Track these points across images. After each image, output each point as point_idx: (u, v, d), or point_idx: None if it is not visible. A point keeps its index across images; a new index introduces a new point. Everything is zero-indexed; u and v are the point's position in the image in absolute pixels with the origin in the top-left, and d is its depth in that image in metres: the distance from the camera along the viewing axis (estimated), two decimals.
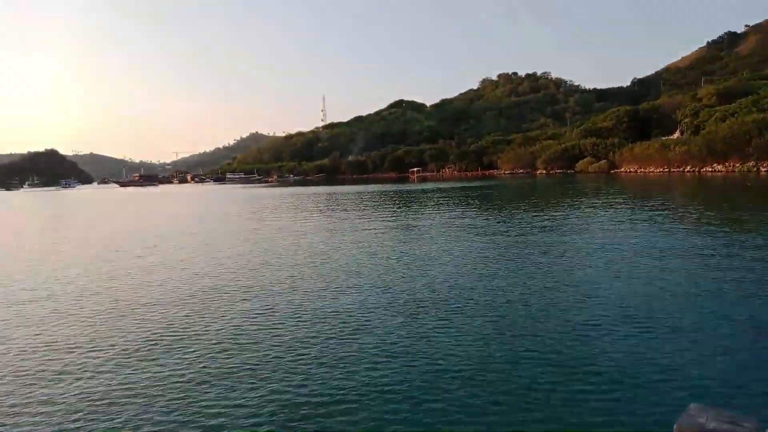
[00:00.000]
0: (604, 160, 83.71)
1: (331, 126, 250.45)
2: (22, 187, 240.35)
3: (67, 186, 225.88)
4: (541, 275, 12.78)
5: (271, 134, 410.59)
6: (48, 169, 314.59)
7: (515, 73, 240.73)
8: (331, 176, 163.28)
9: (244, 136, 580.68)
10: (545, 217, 25.70)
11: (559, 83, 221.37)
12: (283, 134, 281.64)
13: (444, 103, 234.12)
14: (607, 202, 30.89)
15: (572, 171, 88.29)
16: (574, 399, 6.29)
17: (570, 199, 36.10)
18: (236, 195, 73.95)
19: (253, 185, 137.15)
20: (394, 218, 28.66)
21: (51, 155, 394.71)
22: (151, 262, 17.11)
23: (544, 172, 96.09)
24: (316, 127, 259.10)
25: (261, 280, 13.55)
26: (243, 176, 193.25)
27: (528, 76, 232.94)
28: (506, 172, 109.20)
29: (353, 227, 24.91)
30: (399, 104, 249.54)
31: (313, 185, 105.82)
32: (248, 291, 12.40)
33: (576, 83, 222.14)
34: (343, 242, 20.03)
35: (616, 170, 78.99)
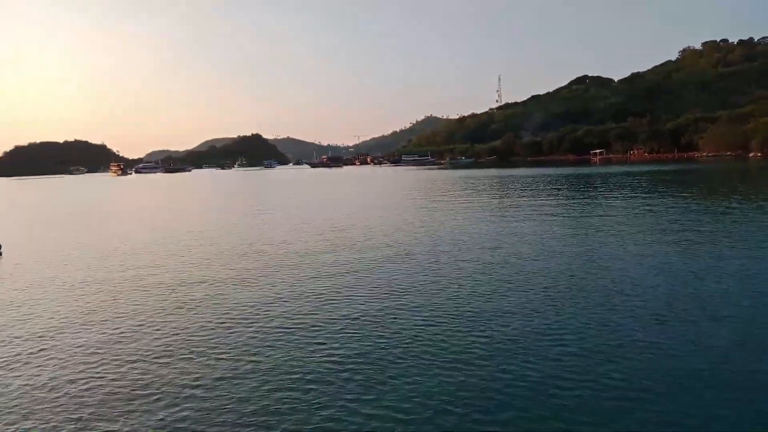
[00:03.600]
0: None
1: (506, 107, 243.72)
2: (233, 167, 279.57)
3: (268, 166, 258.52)
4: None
5: (445, 117, 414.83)
6: (253, 151, 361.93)
7: (725, 40, 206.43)
8: (503, 159, 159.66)
9: (420, 119, 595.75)
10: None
11: None
12: (457, 117, 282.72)
13: (635, 78, 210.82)
14: None
15: None
16: None
17: None
18: (408, 177, 76.80)
19: (425, 167, 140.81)
20: (572, 206, 27.16)
21: (256, 139, 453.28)
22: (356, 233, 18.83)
23: (760, 154, 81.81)
24: (490, 109, 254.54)
25: (429, 267, 14.08)
26: (417, 158, 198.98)
27: (741, 42, 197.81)
28: (708, 154, 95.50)
29: (525, 214, 24.22)
30: (582, 80, 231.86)
31: (484, 168, 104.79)
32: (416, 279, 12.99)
33: None
34: (515, 231, 19.09)
35: None
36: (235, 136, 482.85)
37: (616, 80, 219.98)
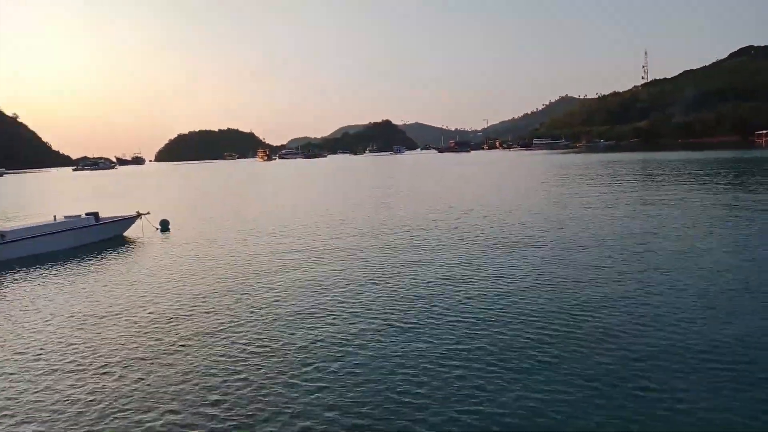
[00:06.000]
0: None
1: (653, 84, 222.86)
2: (365, 152, 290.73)
3: (397, 151, 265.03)
4: None
5: (581, 97, 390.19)
6: (383, 137, 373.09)
7: None
8: (649, 141, 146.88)
9: (553, 100, 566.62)
10: None
11: None
12: (596, 96, 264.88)
13: None
14: None
15: None
16: None
17: None
18: (536, 161, 74.68)
19: (559, 151, 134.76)
20: (735, 196, 25.08)
21: (386, 125, 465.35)
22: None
23: None
24: (634, 86, 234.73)
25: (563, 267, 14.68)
26: (550, 141, 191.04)
27: None
28: None
29: (679, 207, 23.27)
30: (746, 51, 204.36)
31: (627, 151, 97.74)
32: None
33: None
34: (668, 226, 17.57)
35: None
36: (366, 122, 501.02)
37: None
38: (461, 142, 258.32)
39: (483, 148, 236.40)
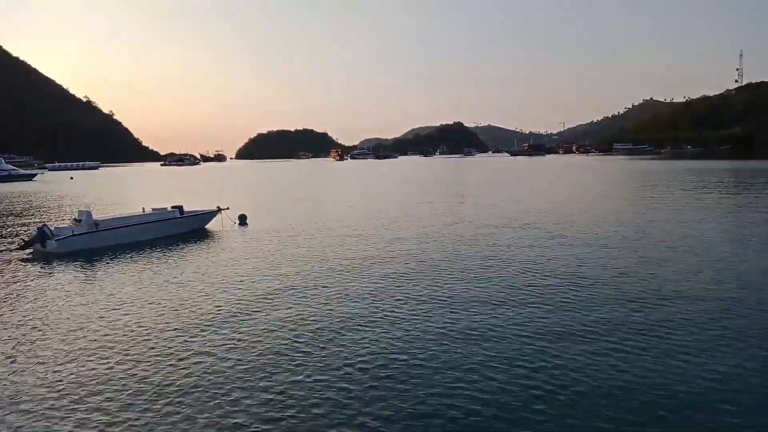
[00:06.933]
0: None
1: (749, 87, 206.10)
2: (435, 154, 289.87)
3: (468, 153, 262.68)
4: None
5: (667, 100, 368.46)
6: (454, 139, 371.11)
7: None
8: (742, 149, 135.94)
9: (636, 103, 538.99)
10: None
11: None
12: (683, 100, 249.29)
13: None
14: None
15: None
16: None
17: None
18: (616, 167, 71.19)
19: (641, 157, 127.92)
20: None
21: (457, 127, 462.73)
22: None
23: None
24: (726, 90, 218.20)
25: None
26: (631, 147, 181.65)
27: None
28: None
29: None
30: None
31: (716, 159, 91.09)
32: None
33: None
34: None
35: None
36: (437, 124, 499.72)
37: None
38: (535, 145, 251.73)
39: (558, 152, 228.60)
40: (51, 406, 6.27)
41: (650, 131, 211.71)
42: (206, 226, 21.12)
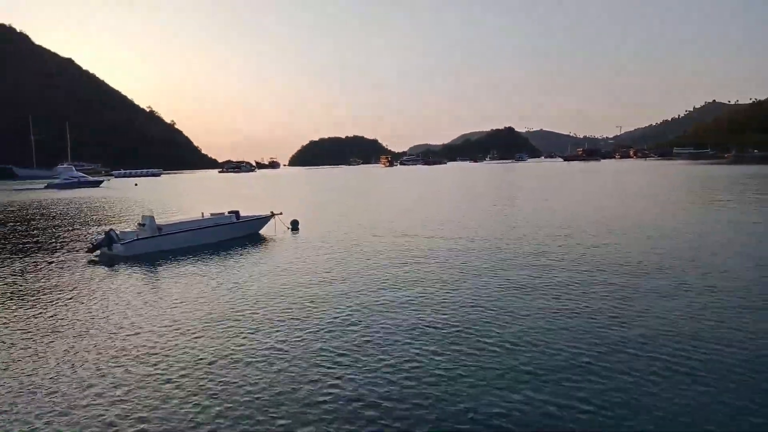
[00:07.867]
0: None
1: None
2: (485, 160, 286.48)
3: (519, 159, 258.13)
4: None
5: (731, 102, 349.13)
6: (505, 144, 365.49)
7: None
8: None
9: (698, 105, 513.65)
10: None
11: None
12: (750, 101, 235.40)
13: None
14: None
15: None
16: None
17: None
18: (676, 171, 67.90)
19: (703, 162, 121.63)
20: None
21: (508, 132, 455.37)
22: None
23: None
24: None
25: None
26: (692, 151, 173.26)
27: None
28: None
29: None
30: None
31: None
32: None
33: None
34: None
35: None
36: (488, 129, 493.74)
37: None
38: (590, 149, 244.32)
39: (614, 157, 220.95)
40: (112, 401, 6.63)
41: (714, 135, 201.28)
42: (260, 231, 21.71)
